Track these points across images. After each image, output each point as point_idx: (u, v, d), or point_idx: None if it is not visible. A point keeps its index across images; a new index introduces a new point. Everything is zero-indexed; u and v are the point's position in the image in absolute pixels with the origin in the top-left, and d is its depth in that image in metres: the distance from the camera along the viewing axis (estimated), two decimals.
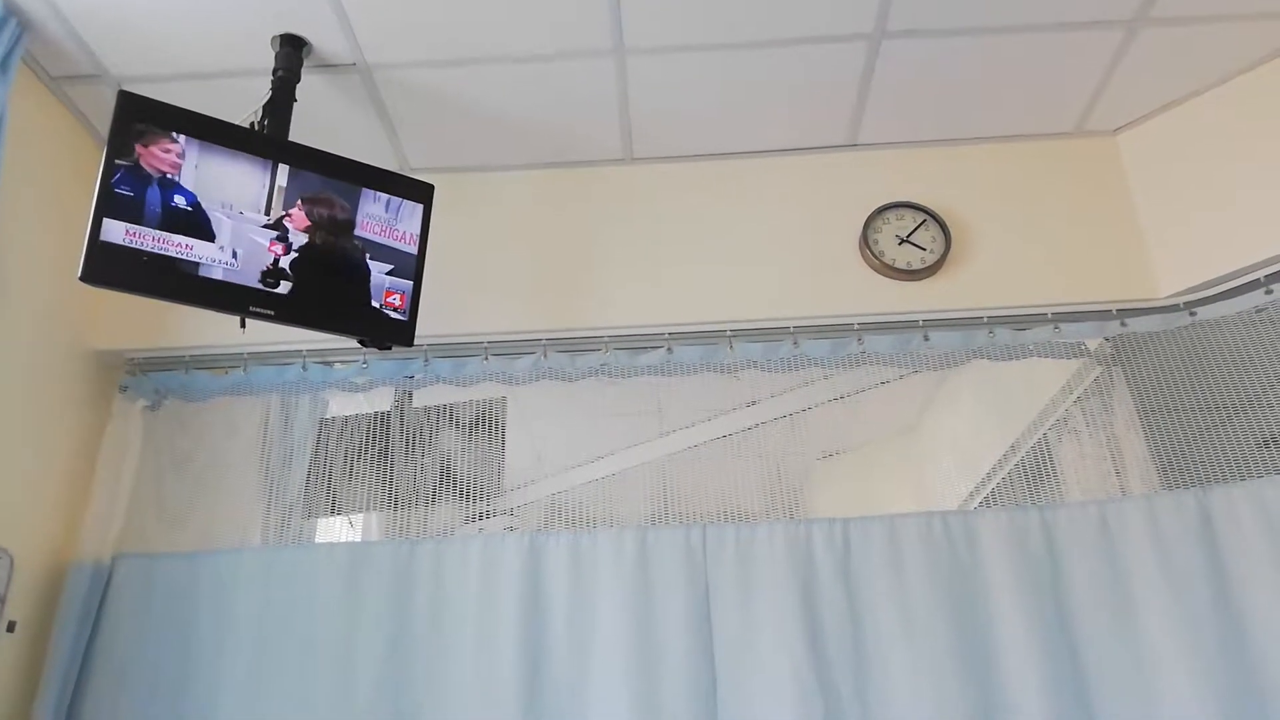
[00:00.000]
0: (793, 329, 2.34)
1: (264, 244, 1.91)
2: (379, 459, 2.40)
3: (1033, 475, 2.41)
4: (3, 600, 1.95)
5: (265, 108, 2.05)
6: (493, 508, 2.46)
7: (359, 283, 2.01)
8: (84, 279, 1.75)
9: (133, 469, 2.29)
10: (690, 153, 2.53)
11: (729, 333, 2.35)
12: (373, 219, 2.04)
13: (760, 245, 2.43)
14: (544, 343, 2.36)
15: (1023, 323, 2.32)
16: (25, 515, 2.06)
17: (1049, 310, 2.32)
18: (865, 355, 2.32)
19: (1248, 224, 2.19)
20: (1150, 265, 2.33)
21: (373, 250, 2.03)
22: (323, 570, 2.13)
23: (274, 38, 2.10)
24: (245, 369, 2.36)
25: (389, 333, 2.05)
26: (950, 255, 2.36)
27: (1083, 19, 2.14)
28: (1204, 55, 2.25)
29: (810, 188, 2.49)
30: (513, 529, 2.48)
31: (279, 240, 1.92)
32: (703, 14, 2.10)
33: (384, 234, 2.04)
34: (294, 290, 1.93)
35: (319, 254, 1.97)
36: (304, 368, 2.36)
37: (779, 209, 2.47)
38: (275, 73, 2.10)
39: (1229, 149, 2.27)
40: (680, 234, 2.45)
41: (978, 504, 2.60)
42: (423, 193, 2.13)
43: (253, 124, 2.03)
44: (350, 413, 2.47)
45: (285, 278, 1.92)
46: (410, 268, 2.08)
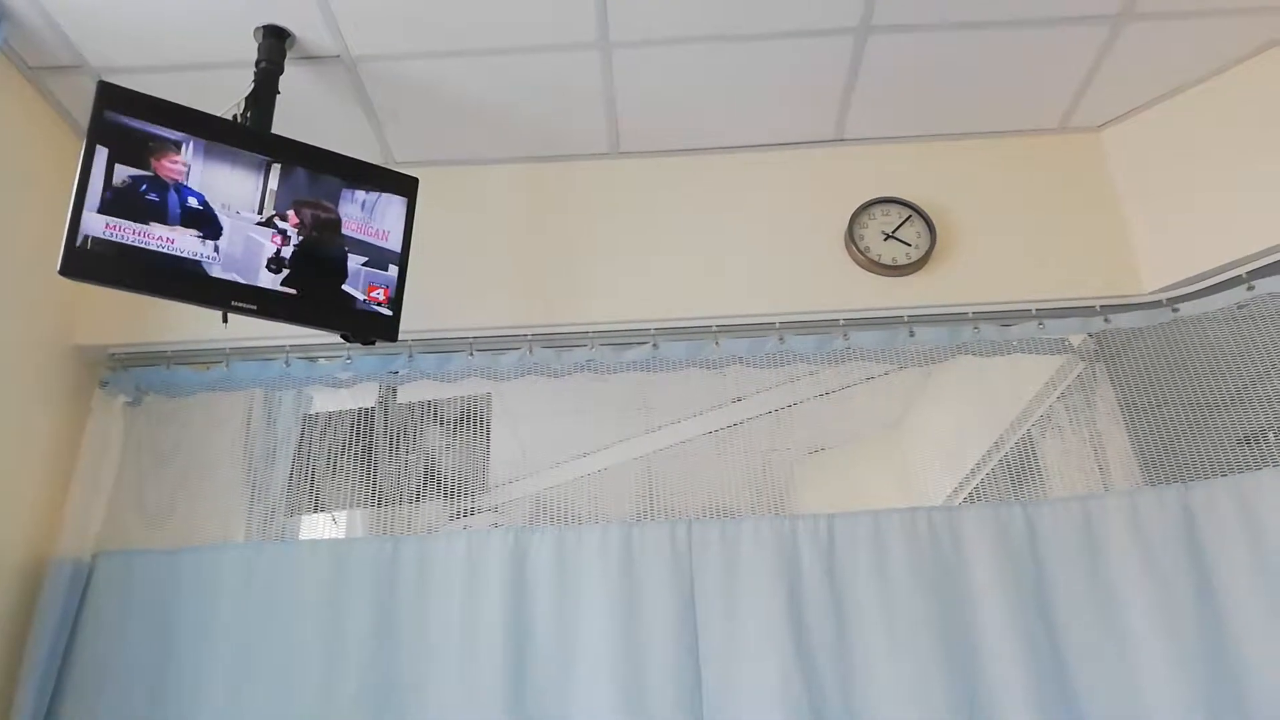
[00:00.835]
0: (778, 325, 2.34)
1: (263, 241, 1.91)
2: (363, 455, 2.39)
3: (1017, 471, 2.42)
4: None
5: (248, 100, 2.04)
6: (478, 504, 2.45)
7: (340, 278, 2.00)
8: (63, 273, 1.73)
9: (114, 465, 2.27)
10: (676, 147, 2.53)
11: (715, 328, 2.35)
12: (350, 217, 2.03)
13: (746, 240, 2.42)
14: (529, 338, 2.35)
15: (1007, 318, 2.33)
16: (4, 512, 2.03)
17: (1033, 306, 2.33)
18: (851, 351, 2.33)
19: (1231, 220, 2.20)
20: (1134, 261, 2.34)
21: (353, 246, 2.02)
22: (306, 567, 2.11)
23: (256, 29, 2.08)
24: (228, 364, 2.34)
25: (373, 328, 2.04)
26: (935, 251, 2.36)
27: (1068, 15, 2.14)
28: (1188, 51, 2.26)
29: (796, 183, 2.49)
30: (498, 526, 2.47)
31: (278, 234, 1.92)
32: (688, 7, 2.09)
33: (362, 231, 2.04)
34: (280, 284, 1.91)
35: (306, 251, 1.95)
36: (287, 363, 2.34)
37: (765, 204, 2.47)
38: (258, 64, 2.08)
39: (1213, 145, 2.29)
40: (666, 229, 2.45)
41: (962, 500, 2.60)
42: (407, 186, 2.11)
43: (235, 116, 2.01)
44: (334, 409, 2.46)
45: (285, 265, 1.92)
46: (393, 262, 2.07)
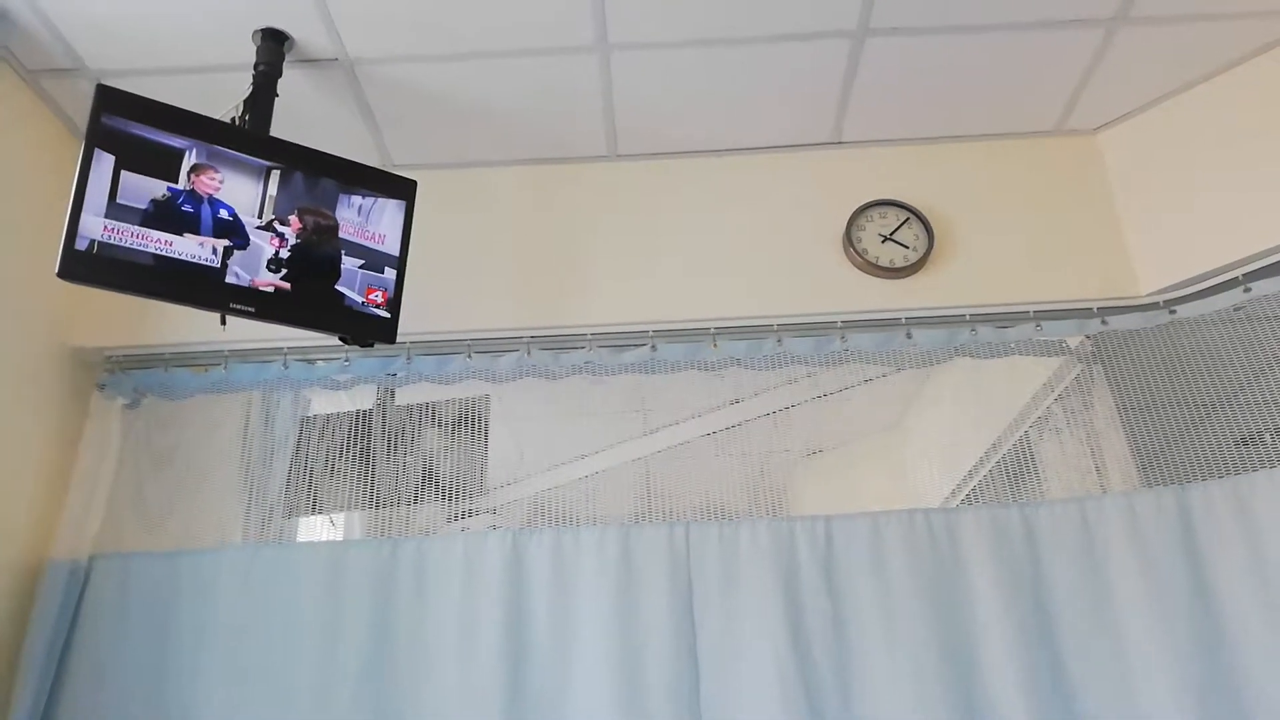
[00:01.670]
0: (776, 327, 2.35)
1: (262, 244, 1.92)
2: (361, 457, 2.39)
3: (1014, 473, 2.42)
4: None
5: (246, 103, 2.04)
6: (476, 506, 2.45)
7: (337, 281, 2.01)
8: (61, 276, 1.73)
9: (111, 467, 2.26)
10: (674, 150, 2.53)
11: (712, 330, 2.35)
12: (348, 221, 2.04)
13: (744, 243, 2.43)
14: (527, 340, 2.35)
15: (1004, 321, 2.33)
16: (1, 514, 2.03)
17: (1030, 308, 2.33)
18: (848, 353, 2.33)
19: (1227, 222, 2.21)
20: (1130, 263, 2.35)
21: (351, 250, 2.03)
22: (304, 570, 2.11)
23: (255, 32, 2.08)
24: (226, 367, 2.34)
25: (371, 330, 2.04)
26: (933, 253, 2.37)
27: (1063, 18, 2.15)
28: (1184, 54, 2.27)
29: (794, 185, 2.49)
30: (496, 527, 2.46)
31: (277, 237, 1.93)
32: (686, 10, 2.10)
33: (359, 235, 2.04)
34: (277, 287, 1.92)
35: (303, 254, 1.96)
36: (285, 365, 2.34)
37: (762, 206, 2.47)
38: (256, 67, 2.08)
39: (1208, 148, 2.29)
40: (664, 231, 2.45)
41: (960, 501, 2.61)
42: (406, 189, 2.11)
43: (233, 119, 2.01)
44: (332, 411, 2.46)
45: (283, 268, 1.92)
46: (390, 265, 2.07)
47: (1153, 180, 2.37)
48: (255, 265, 1.91)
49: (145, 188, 1.82)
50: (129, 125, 1.81)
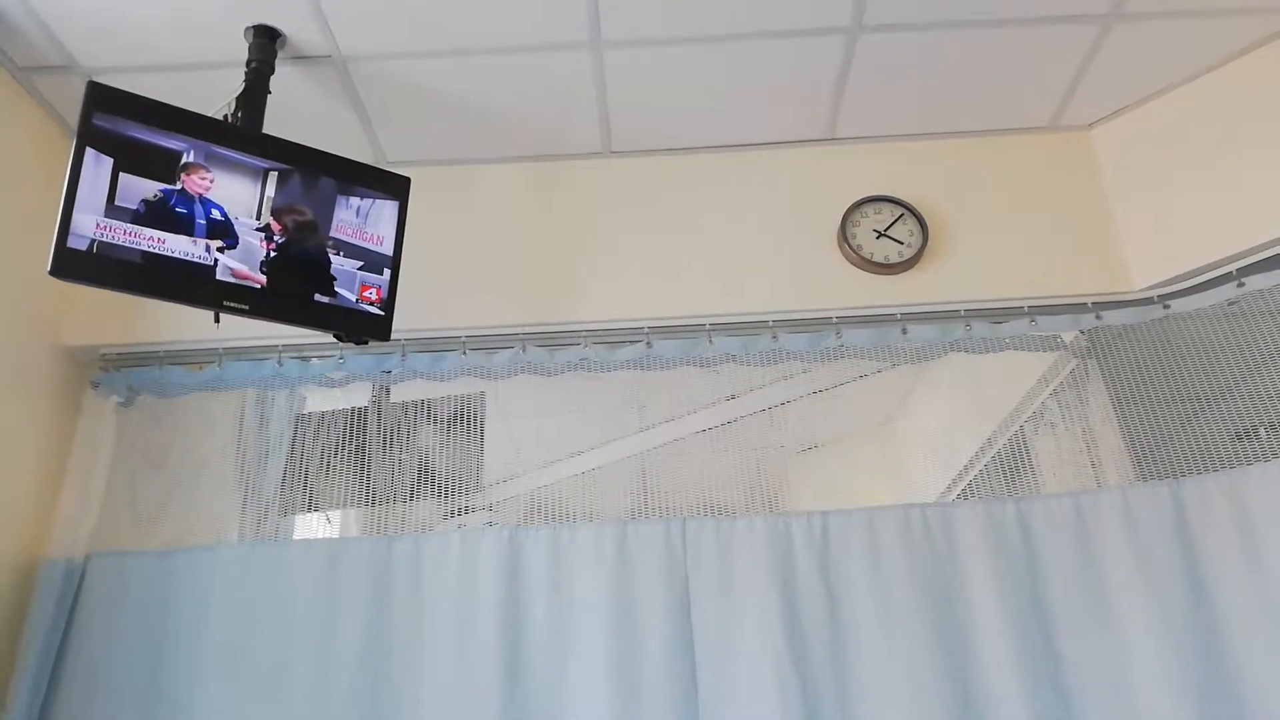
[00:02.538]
0: (771, 323, 2.35)
1: (255, 243, 1.92)
2: (356, 454, 2.39)
3: (1009, 467, 2.43)
4: None
5: (238, 100, 2.03)
6: (472, 503, 2.45)
7: (329, 279, 2.00)
8: (54, 273, 1.72)
9: (106, 466, 2.25)
10: (669, 146, 2.53)
11: (708, 327, 2.35)
12: (345, 223, 2.03)
13: (738, 239, 2.43)
14: (522, 337, 2.35)
15: (999, 316, 2.33)
16: None
17: (1025, 303, 2.33)
18: (844, 349, 2.33)
19: (1220, 217, 2.21)
20: (1124, 259, 2.35)
21: (347, 251, 2.03)
22: (300, 567, 2.11)
23: (247, 29, 2.08)
24: (220, 364, 2.33)
25: (365, 327, 2.04)
26: (927, 249, 2.37)
27: (1057, 14, 2.15)
28: (1178, 50, 2.27)
29: (788, 181, 2.49)
30: (492, 524, 2.47)
31: (267, 239, 1.93)
32: (680, 7, 2.09)
33: (356, 236, 2.04)
34: (270, 285, 1.92)
35: (292, 252, 1.95)
36: (280, 363, 2.33)
37: (757, 203, 2.47)
38: (248, 64, 2.07)
39: (1202, 143, 2.30)
40: (659, 228, 2.45)
41: (955, 496, 2.62)
42: (399, 186, 2.11)
43: (225, 116, 2.00)
44: (327, 408, 2.45)
45: (273, 264, 1.93)
46: (385, 262, 2.07)
47: (1147, 175, 2.37)
48: (247, 264, 1.90)
49: (139, 188, 1.81)
50: (122, 124, 1.81)
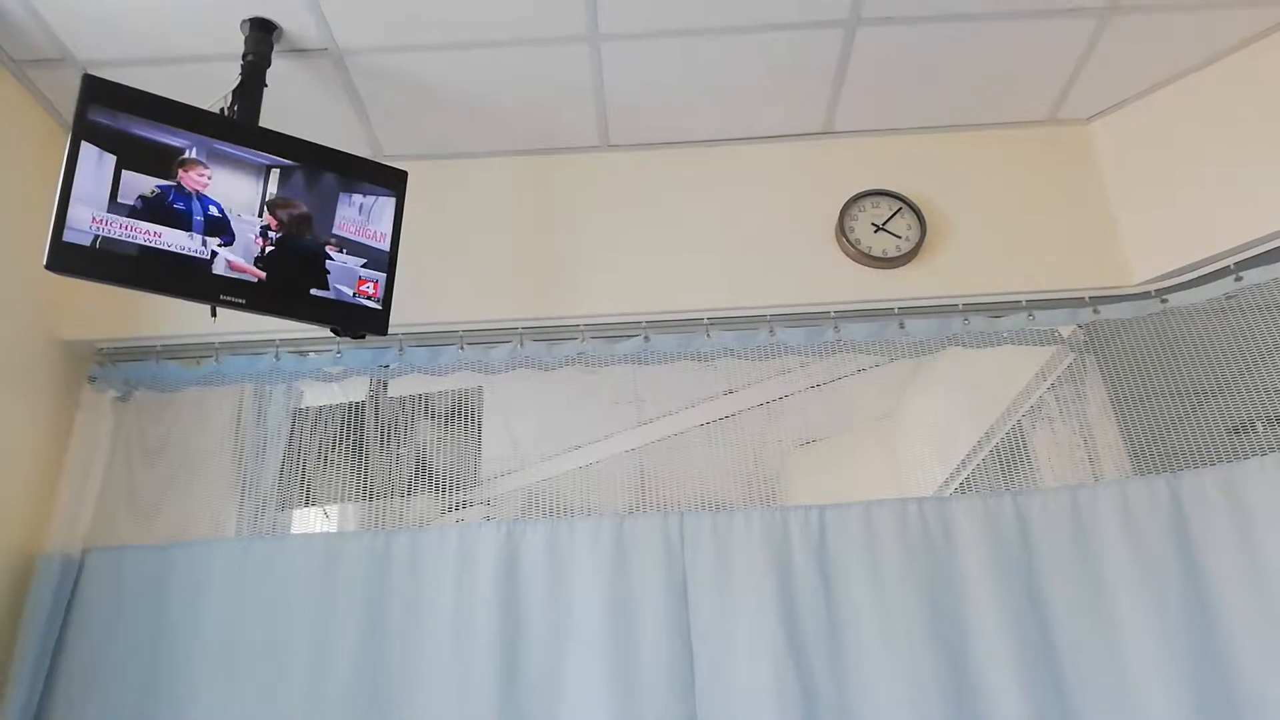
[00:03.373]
0: (769, 317, 2.34)
1: (253, 237, 1.92)
2: (354, 449, 2.39)
3: (1007, 461, 2.43)
4: None
5: (235, 93, 2.02)
6: (470, 498, 2.45)
7: (326, 274, 2.00)
8: (49, 267, 1.72)
9: (103, 461, 2.25)
10: (666, 140, 2.52)
11: (706, 321, 2.35)
12: (348, 220, 2.03)
13: (737, 233, 2.42)
14: (520, 331, 2.35)
15: (997, 310, 2.33)
16: None
17: (1023, 297, 2.33)
18: (841, 343, 2.33)
19: (1219, 211, 2.21)
20: (1123, 253, 2.35)
21: (348, 247, 2.02)
22: (297, 562, 2.11)
23: (243, 21, 2.07)
24: (217, 359, 2.33)
25: (363, 321, 2.03)
26: (925, 243, 2.37)
27: (1055, 7, 2.15)
28: (1176, 43, 2.26)
29: (786, 175, 2.49)
30: (490, 519, 2.47)
31: (263, 235, 1.92)
32: (678, 0, 2.08)
33: (360, 234, 2.04)
34: (267, 280, 1.91)
35: (289, 247, 1.95)
36: (277, 357, 2.33)
37: (755, 196, 2.47)
38: (245, 57, 2.06)
39: (1200, 137, 2.29)
40: (656, 221, 2.45)
41: (953, 490, 2.62)
42: (396, 180, 2.10)
43: (221, 110, 2.00)
44: (325, 403, 2.45)
45: (271, 259, 1.92)
46: (383, 256, 2.06)
47: (1145, 169, 2.37)
48: (244, 258, 1.90)
49: (137, 184, 1.80)
50: (117, 117, 1.80)
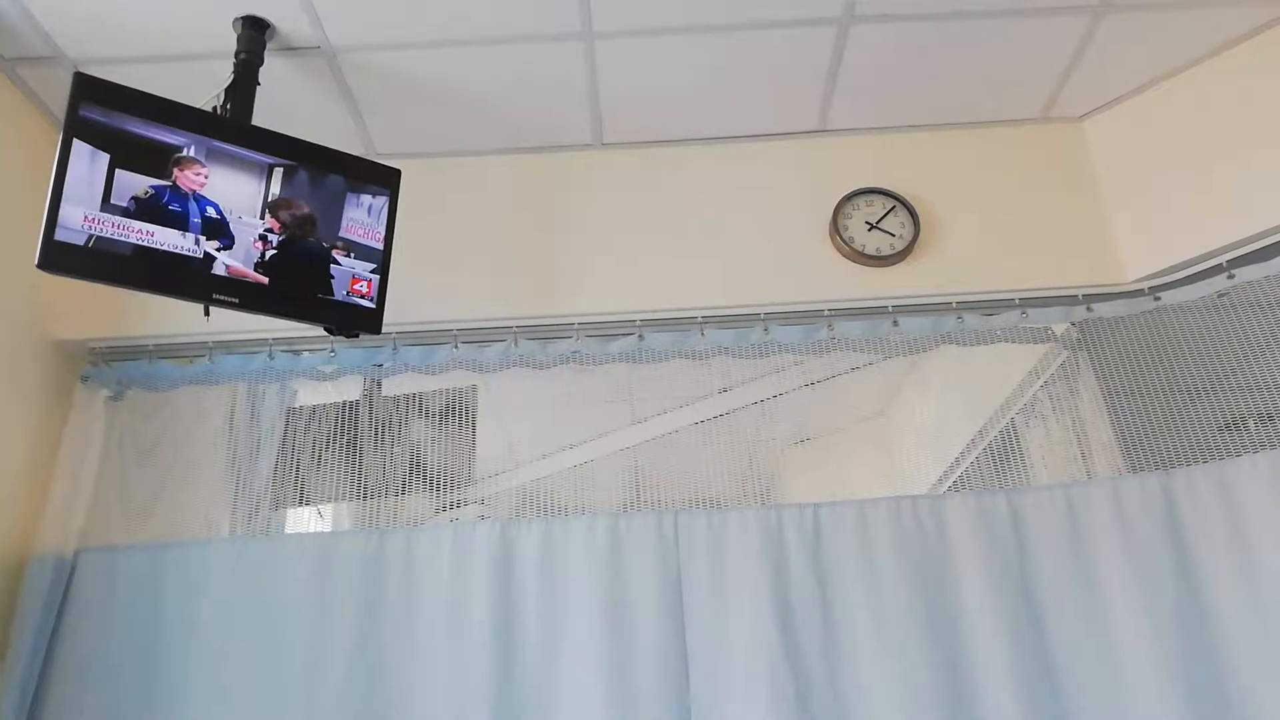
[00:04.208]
0: (763, 315, 2.35)
1: (251, 238, 1.91)
2: (348, 448, 2.38)
3: (1000, 459, 2.44)
4: None
5: (227, 91, 2.02)
6: (464, 497, 2.45)
7: (325, 275, 1.99)
8: (41, 266, 1.71)
9: (95, 460, 2.24)
10: (661, 138, 2.52)
11: (700, 319, 2.35)
12: (356, 223, 2.03)
13: (731, 231, 2.42)
14: (514, 330, 2.35)
15: (990, 308, 2.34)
16: None
17: (1016, 296, 2.34)
18: (835, 341, 2.33)
19: (1211, 209, 2.22)
20: (1116, 250, 2.36)
21: (359, 252, 2.02)
22: (292, 561, 2.10)
23: (235, 19, 2.06)
24: (210, 358, 2.32)
25: (357, 320, 2.03)
26: (919, 241, 2.37)
27: (1048, 5, 2.15)
28: (1168, 41, 2.27)
29: (780, 173, 2.49)
30: (484, 518, 2.46)
31: (263, 238, 1.91)
32: None
33: (368, 236, 2.04)
34: (270, 284, 1.91)
35: (289, 247, 1.95)
36: (270, 356, 2.32)
37: (749, 195, 2.47)
38: (237, 55, 2.06)
39: (1193, 134, 2.30)
40: (651, 220, 2.45)
41: (947, 488, 2.62)
42: (389, 178, 2.10)
43: (215, 108, 1.99)
44: (318, 402, 2.45)
45: (271, 261, 1.92)
46: (376, 255, 2.06)
47: (1138, 167, 2.38)
48: (240, 258, 1.89)
49: (131, 183, 1.79)
50: (110, 115, 1.79)
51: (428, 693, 1.97)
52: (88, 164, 1.76)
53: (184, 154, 1.84)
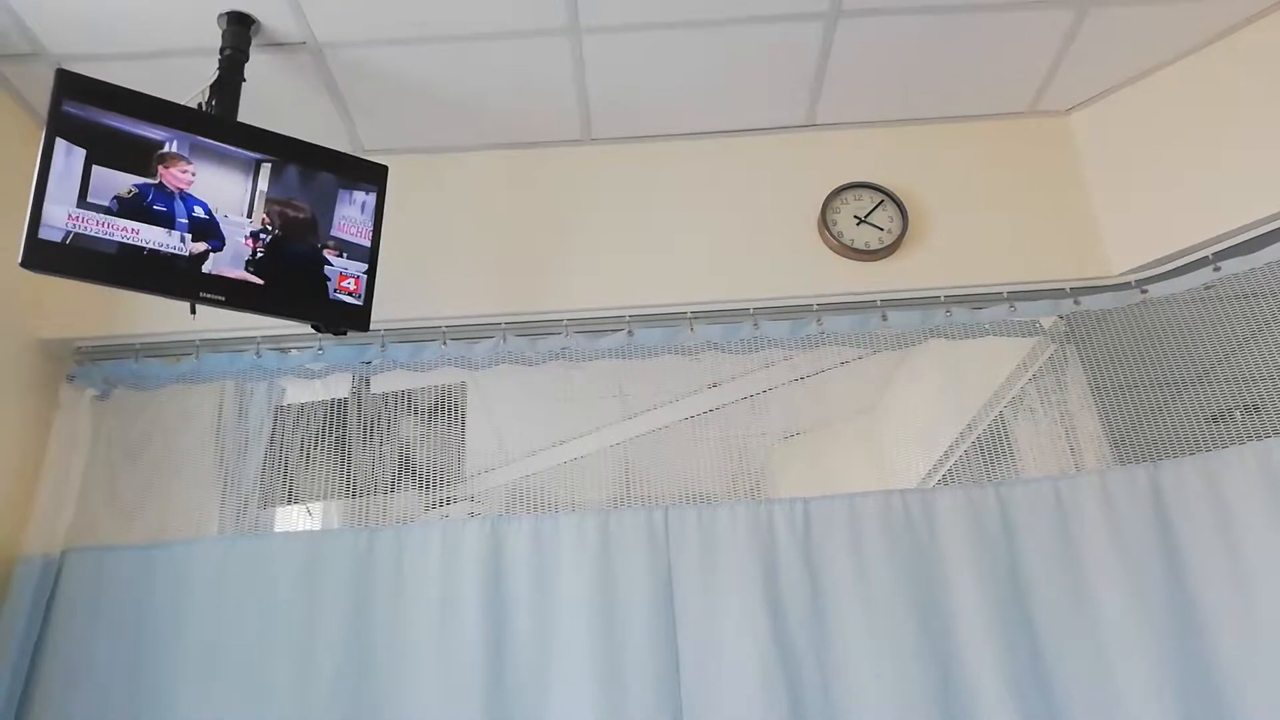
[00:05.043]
0: (753, 310, 2.34)
1: (240, 238, 1.89)
2: (337, 446, 2.37)
3: (989, 452, 2.44)
4: None
5: (212, 88, 2.00)
6: (454, 494, 2.44)
7: (315, 273, 1.98)
8: (25, 265, 1.69)
9: (82, 460, 2.23)
10: (648, 133, 2.52)
11: (689, 315, 2.35)
12: (349, 220, 2.02)
13: (719, 226, 2.42)
14: (503, 326, 2.34)
15: (979, 302, 2.34)
16: None
17: (1004, 289, 2.34)
18: (825, 336, 2.33)
19: (1197, 202, 2.23)
20: (1103, 244, 2.37)
21: (351, 251, 2.02)
22: (280, 560, 2.09)
23: (220, 15, 2.05)
24: (197, 356, 2.31)
25: (344, 318, 2.02)
26: (907, 235, 2.37)
27: None
28: (1154, 35, 2.28)
29: (768, 168, 2.49)
30: (474, 515, 2.46)
31: (254, 238, 1.90)
32: None
33: (360, 235, 2.03)
34: (261, 284, 1.90)
35: (278, 245, 1.93)
36: (258, 354, 2.31)
37: (737, 190, 2.47)
38: (222, 52, 2.04)
39: (1180, 127, 2.31)
40: (639, 215, 2.44)
41: (936, 482, 2.63)
42: (376, 175, 2.09)
43: (200, 105, 1.98)
44: (307, 400, 2.44)
45: (260, 260, 1.90)
46: (364, 252, 2.05)
47: (1125, 160, 2.39)
48: (229, 259, 1.88)
49: (113, 182, 1.78)
50: (93, 112, 1.77)
51: (418, 691, 1.96)
52: (71, 161, 1.74)
53: (168, 150, 1.83)
